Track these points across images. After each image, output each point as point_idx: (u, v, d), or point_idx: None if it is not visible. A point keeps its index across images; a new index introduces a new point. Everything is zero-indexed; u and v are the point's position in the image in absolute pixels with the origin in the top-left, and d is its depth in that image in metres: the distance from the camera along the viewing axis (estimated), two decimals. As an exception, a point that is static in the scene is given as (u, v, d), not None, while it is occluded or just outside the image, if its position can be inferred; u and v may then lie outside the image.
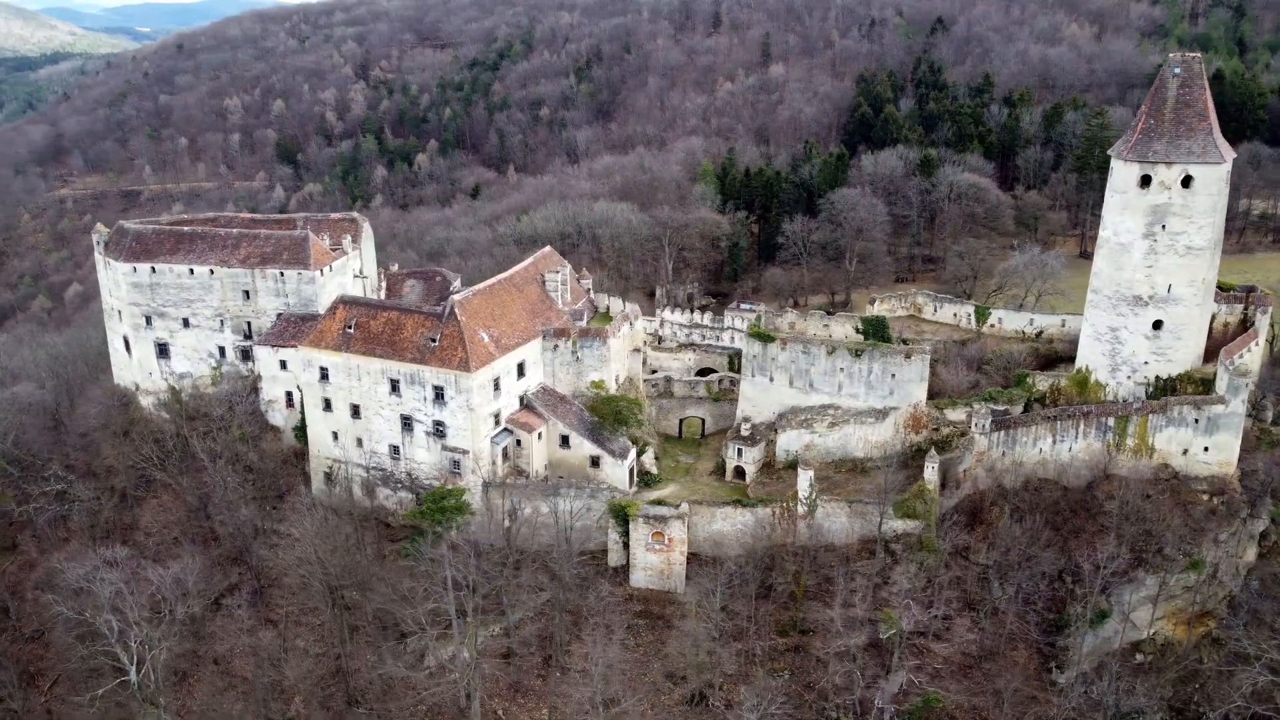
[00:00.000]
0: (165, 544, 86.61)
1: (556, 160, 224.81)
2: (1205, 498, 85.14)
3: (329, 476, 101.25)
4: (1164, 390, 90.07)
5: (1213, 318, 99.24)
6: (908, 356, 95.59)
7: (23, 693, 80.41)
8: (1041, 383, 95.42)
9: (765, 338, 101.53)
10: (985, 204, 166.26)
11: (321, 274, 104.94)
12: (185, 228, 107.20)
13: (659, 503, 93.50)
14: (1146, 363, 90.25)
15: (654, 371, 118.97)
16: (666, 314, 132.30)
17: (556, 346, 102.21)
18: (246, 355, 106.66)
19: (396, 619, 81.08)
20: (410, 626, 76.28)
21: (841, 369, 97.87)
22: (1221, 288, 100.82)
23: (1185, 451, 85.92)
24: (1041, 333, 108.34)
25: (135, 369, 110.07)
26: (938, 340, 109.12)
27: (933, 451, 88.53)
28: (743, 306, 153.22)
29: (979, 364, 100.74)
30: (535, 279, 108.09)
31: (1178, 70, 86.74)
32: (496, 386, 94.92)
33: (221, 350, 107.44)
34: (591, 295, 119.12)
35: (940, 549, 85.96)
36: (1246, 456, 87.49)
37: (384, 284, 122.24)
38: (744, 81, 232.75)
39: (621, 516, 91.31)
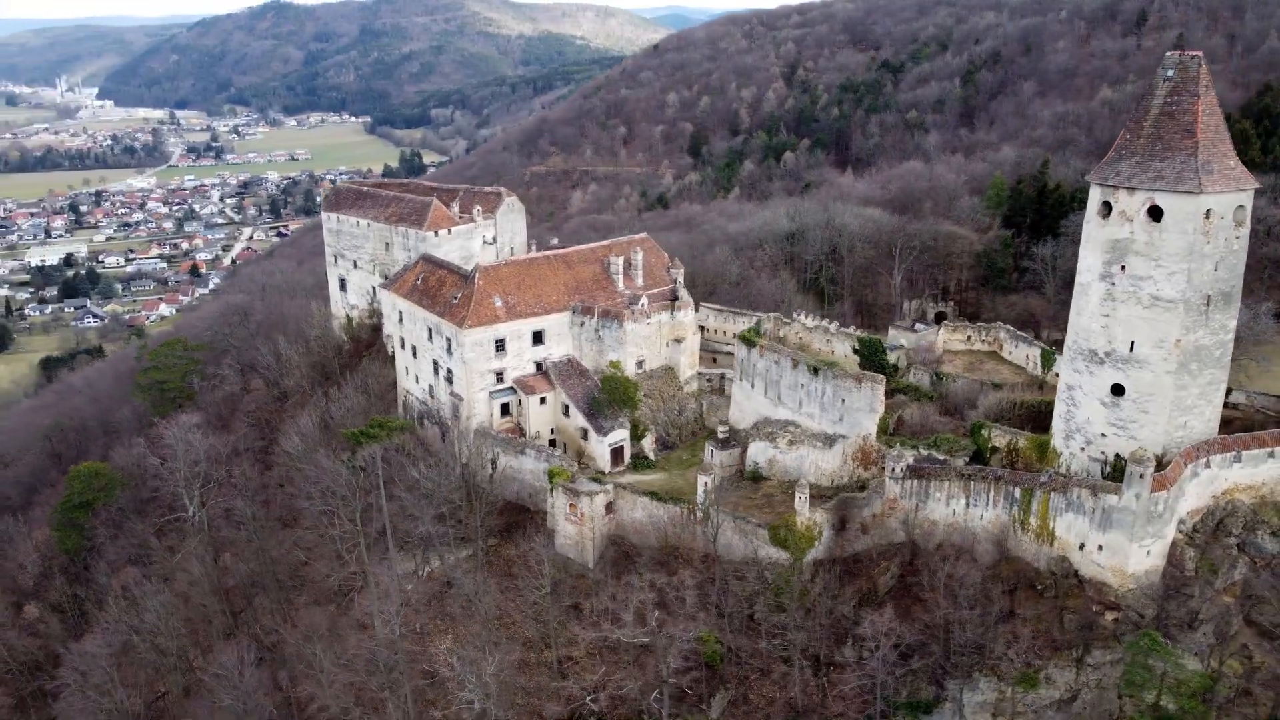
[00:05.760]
0: (238, 422, 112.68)
1: (885, 162, 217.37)
2: (1095, 608, 67.94)
3: (404, 405, 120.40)
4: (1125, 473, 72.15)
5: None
6: (859, 382, 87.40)
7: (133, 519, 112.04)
8: (1000, 438, 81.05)
9: (750, 342, 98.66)
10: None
11: (436, 235, 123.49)
12: (364, 188, 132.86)
13: (596, 479, 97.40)
14: (1104, 435, 72.99)
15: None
16: (800, 318, 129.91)
17: (583, 323, 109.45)
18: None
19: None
20: (311, 519, 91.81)
21: (802, 385, 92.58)
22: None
23: (1082, 546, 69.09)
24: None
25: (331, 297, 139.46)
26: (977, 380, 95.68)
27: (802, 481, 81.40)
28: (917, 327, 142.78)
29: (958, 407, 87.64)
30: (597, 259, 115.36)
31: (1170, 73, 68.73)
32: (501, 347, 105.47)
33: (374, 289, 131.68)
34: (678, 284, 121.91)
35: (796, 585, 79.35)
36: (1184, 577, 67.47)
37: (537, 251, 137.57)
38: (1124, 88, 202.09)
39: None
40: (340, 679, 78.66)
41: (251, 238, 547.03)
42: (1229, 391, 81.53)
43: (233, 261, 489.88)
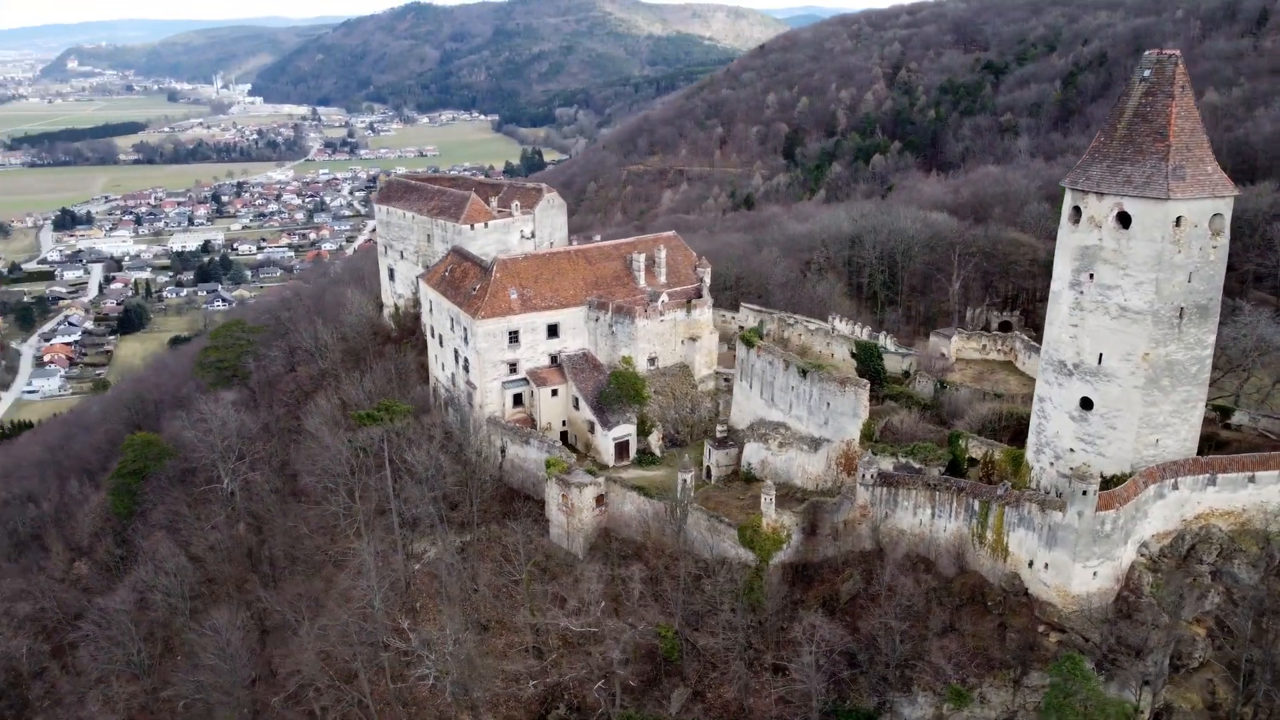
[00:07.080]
0: (273, 399, 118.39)
1: (971, 166, 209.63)
2: (1040, 628, 65.28)
3: (434, 392, 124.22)
4: (1087, 491, 68.92)
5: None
6: (843, 385, 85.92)
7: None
8: (977, 449, 78.41)
9: (749, 343, 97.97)
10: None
11: (472, 228, 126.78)
12: (413, 181, 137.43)
13: (592, 472, 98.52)
14: (1072, 450, 69.97)
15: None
16: (837, 323, 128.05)
17: (598, 318, 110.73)
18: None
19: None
20: (317, 495, 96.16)
21: (793, 387, 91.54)
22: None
23: (1031, 563, 66.41)
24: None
25: (382, 285, 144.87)
26: (980, 390, 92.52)
27: (768, 482, 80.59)
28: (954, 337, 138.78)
29: (952, 416, 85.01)
30: (619, 256, 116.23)
31: (1146, 73, 65.44)
32: (514, 339, 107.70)
33: (416, 279, 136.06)
34: (704, 284, 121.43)
35: (741, 585, 78.84)
36: (1137, 603, 64.09)
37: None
38: (1230, 92, 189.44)
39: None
40: (317, 648, 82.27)
41: (374, 230, 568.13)
42: (1230, 411, 77.01)
43: (354, 251, 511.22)
